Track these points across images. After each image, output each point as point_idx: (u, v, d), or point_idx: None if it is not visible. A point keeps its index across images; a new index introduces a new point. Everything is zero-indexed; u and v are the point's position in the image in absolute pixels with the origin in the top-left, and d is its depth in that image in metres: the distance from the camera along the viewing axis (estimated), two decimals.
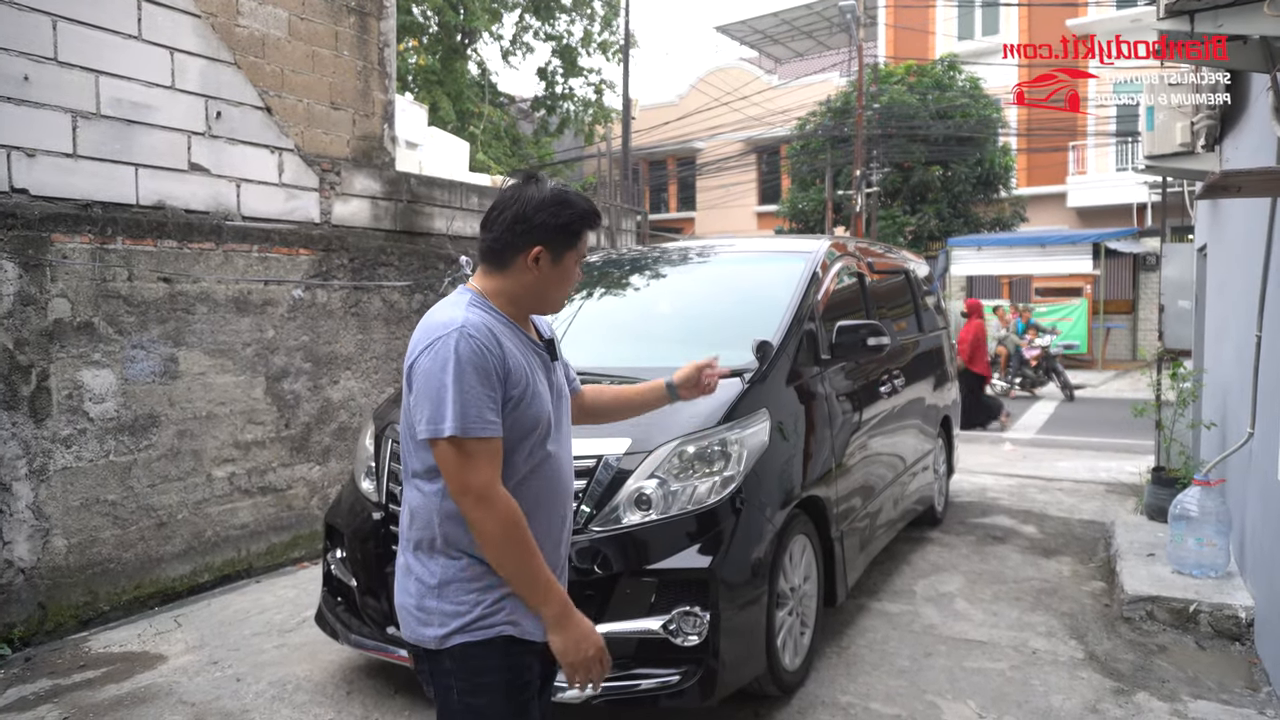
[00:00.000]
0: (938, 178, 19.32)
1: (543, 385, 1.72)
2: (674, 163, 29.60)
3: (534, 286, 1.73)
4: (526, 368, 1.68)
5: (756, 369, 3.27)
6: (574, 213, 1.73)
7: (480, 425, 1.57)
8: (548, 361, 1.80)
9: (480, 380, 1.57)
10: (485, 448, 1.58)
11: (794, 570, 3.34)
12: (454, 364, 1.56)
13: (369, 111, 6.20)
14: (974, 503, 6.61)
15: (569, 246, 1.74)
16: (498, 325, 1.67)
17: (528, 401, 1.65)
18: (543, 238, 1.71)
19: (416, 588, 1.68)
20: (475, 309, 1.67)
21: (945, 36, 23.14)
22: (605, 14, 22.68)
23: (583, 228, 1.75)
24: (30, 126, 4.27)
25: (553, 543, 1.76)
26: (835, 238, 4.77)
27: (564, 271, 1.75)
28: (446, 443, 1.57)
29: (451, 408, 1.56)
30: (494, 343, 1.61)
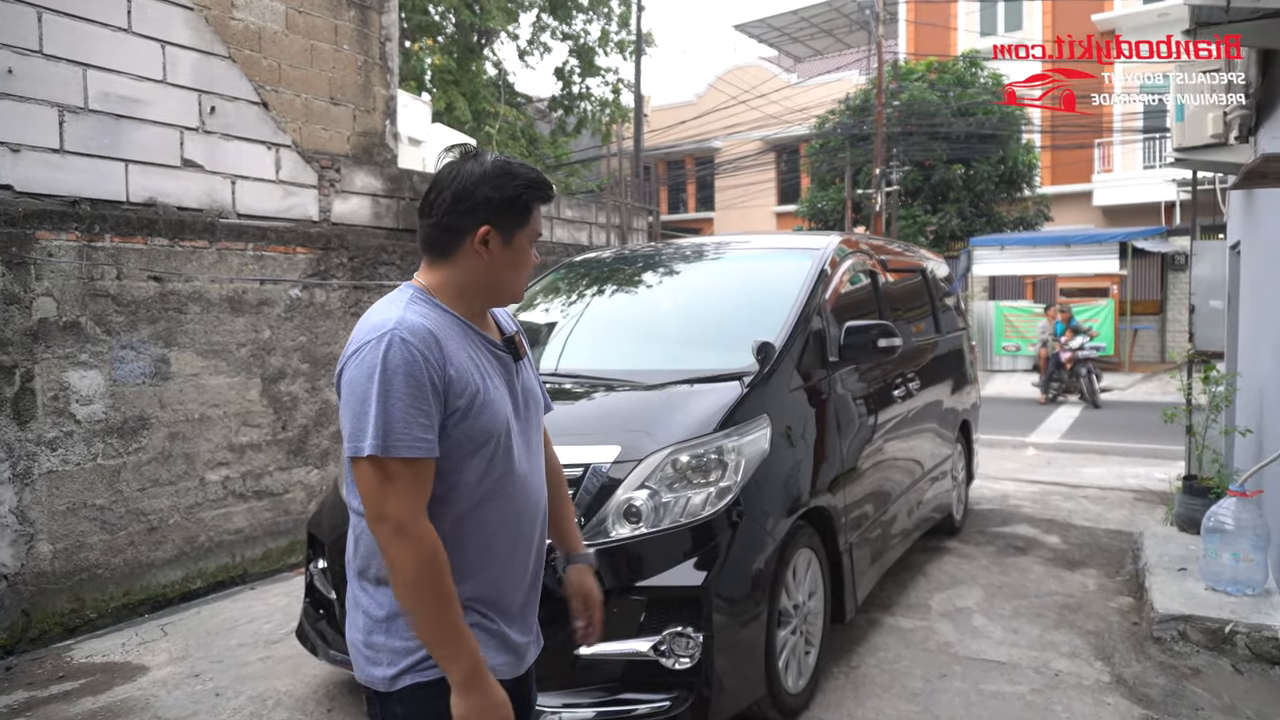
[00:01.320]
0: (959, 176, 18.99)
1: (498, 391, 1.51)
2: (692, 162, 29.39)
3: (485, 274, 1.52)
4: (476, 372, 1.48)
5: (757, 372, 3.07)
6: (520, 183, 1.52)
7: (406, 444, 1.36)
8: (509, 363, 1.59)
9: (411, 392, 1.37)
10: (410, 471, 1.38)
11: (798, 586, 3.14)
12: (380, 373, 1.37)
13: (370, 107, 6.06)
14: (995, 511, 6.36)
15: (519, 224, 1.53)
16: (444, 324, 1.47)
17: (476, 411, 1.45)
18: (488, 215, 1.50)
19: (364, 621, 1.50)
20: (416, 306, 1.47)
21: (967, 32, 22.78)
22: (622, 13, 22.51)
23: (532, 200, 1.54)
24: (15, 121, 4.15)
25: (519, 571, 1.57)
26: (846, 234, 4.55)
27: (517, 254, 1.54)
28: (366, 463, 1.37)
29: (374, 423, 1.36)
30: (433, 347, 1.41)
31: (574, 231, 8.36)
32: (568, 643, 2.58)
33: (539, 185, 1.55)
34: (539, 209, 1.57)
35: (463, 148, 1.61)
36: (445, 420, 1.42)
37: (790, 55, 30.32)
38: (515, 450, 1.54)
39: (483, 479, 1.48)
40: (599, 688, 2.59)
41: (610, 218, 8.77)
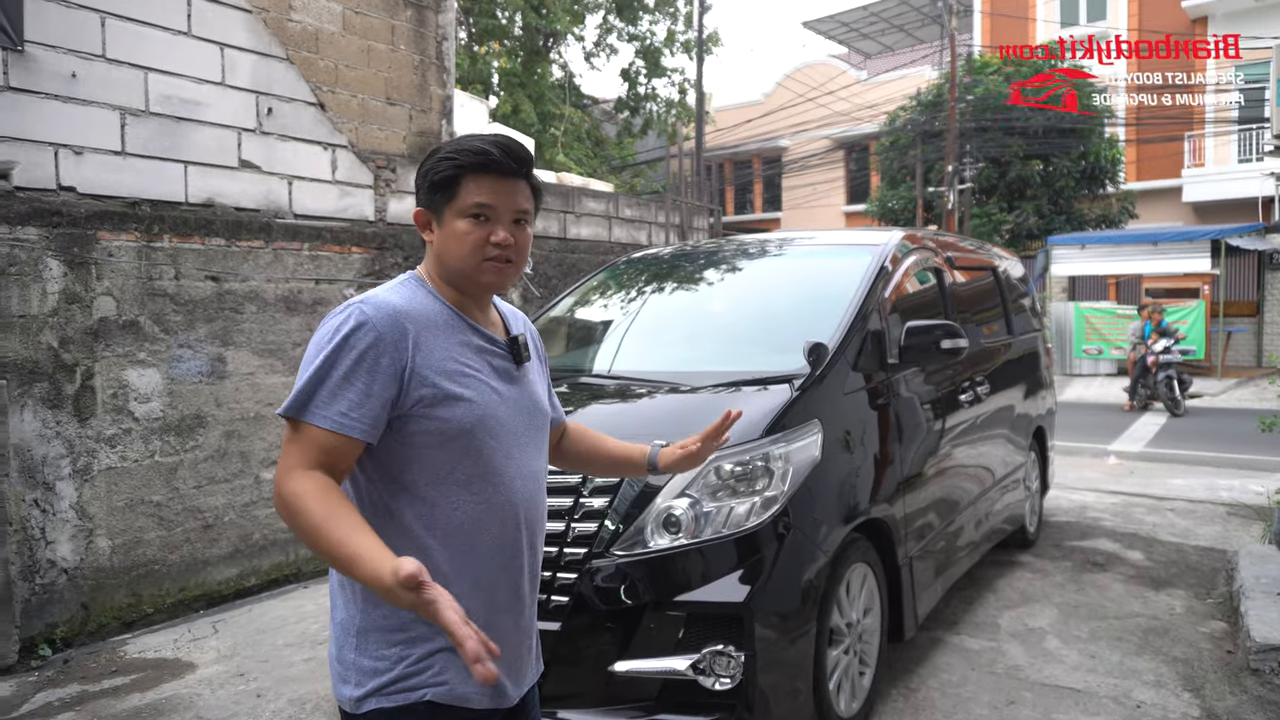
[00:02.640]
0: (1037, 173, 18.26)
1: (481, 387, 1.40)
2: (759, 162, 29.03)
3: (435, 258, 1.45)
4: (454, 364, 1.38)
5: (808, 374, 2.89)
6: (436, 157, 1.43)
7: (322, 413, 1.29)
8: (507, 363, 1.48)
9: (352, 364, 1.30)
10: (314, 439, 1.29)
11: (851, 602, 2.95)
12: (328, 340, 1.31)
13: (426, 107, 6.06)
14: (1072, 523, 6.00)
15: (447, 199, 1.41)
16: (428, 310, 1.39)
17: (445, 403, 1.34)
18: (421, 198, 1.45)
19: (339, 633, 1.40)
20: (404, 289, 1.41)
21: (1047, 23, 21.91)
22: (688, 13, 22.36)
23: (455, 170, 1.39)
24: (78, 124, 4.24)
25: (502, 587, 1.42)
26: (909, 230, 4.32)
27: (452, 233, 1.40)
28: (286, 426, 1.32)
29: (302, 386, 1.30)
30: (396, 327, 1.33)
31: (633, 231, 8.25)
32: (601, 659, 2.49)
33: (464, 152, 1.40)
34: (480, 180, 1.40)
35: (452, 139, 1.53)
36: (411, 408, 1.33)
37: (860, 52, 29.69)
38: (499, 452, 1.41)
39: (453, 479, 1.37)
40: (634, 707, 2.46)
41: (670, 217, 8.63)
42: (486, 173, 1.40)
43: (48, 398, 4.07)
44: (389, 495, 1.37)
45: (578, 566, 2.55)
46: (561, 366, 3.81)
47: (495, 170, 1.41)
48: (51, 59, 4.12)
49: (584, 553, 2.56)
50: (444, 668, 1.36)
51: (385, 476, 1.37)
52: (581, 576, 2.54)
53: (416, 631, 1.35)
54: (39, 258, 4.05)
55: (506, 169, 1.42)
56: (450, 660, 1.36)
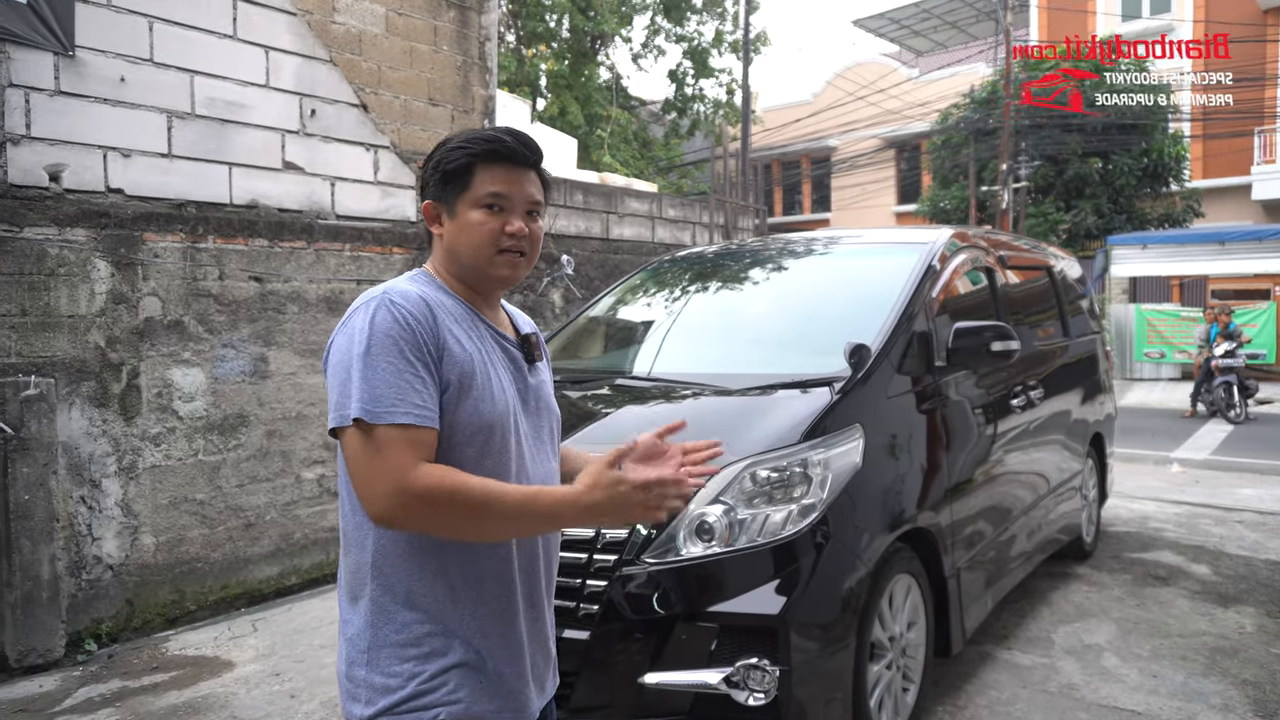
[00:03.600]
0: (1097, 171, 17.69)
1: (501, 381, 1.35)
2: (808, 162, 28.71)
3: (446, 252, 1.40)
4: (476, 352, 1.32)
5: (849, 377, 2.78)
6: (445, 149, 1.38)
7: (399, 409, 1.20)
8: (520, 361, 1.42)
9: (403, 353, 1.23)
10: (403, 439, 1.20)
11: (895, 615, 2.83)
12: (367, 336, 1.23)
13: (468, 108, 6.05)
14: (1132, 534, 5.75)
15: (459, 191, 1.36)
16: (444, 301, 1.35)
17: (472, 393, 1.28)
18: (429, 190, 1.40)
19: (347, 650, 1.34)
20: (416, 282, 1.36)
21: (1107, 16, 21.26)
22: (736, 12, 22.20)
23: (467, 159, 1.35)
24: (126, 127, 4.30)
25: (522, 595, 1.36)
26: (959, 227, 4.16)
27: (466, 225, 1.35)
28: (352, 433, 1.21)
29: (358, 388, 1.21)
30: (425, 313, 1.27)
31: (677, 231, 8.17)
32: (631, 669, 2.41)
33: (477, 141, 1.36)
34: (493, 169, 1.36)
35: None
36: (440, 398, 1.27)
37: (912, 49, 29.19)
38: (520, 451, 1.35)
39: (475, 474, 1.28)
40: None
41: (714, 217, 8.53)
42: (499, 162, 1.36)
43: (95, 396, 4.13)
44: None
45: (607, 573, 2.48)
46: (598, 367, 3.74)
47: (508, 159, 1.37)
48: (101, 63, 4.19)
49: (614, 559, 2.48)
50: (459, 685, 1.29)
51: None
52: (611, 584, 2.46)
53: (430, 647, 1.29)
54: (87, 259, 4.12)
55: (520, 158, 1.37)
56: (465, 677, 1.30)
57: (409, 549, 1.29)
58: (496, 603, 1.34)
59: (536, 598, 1.41)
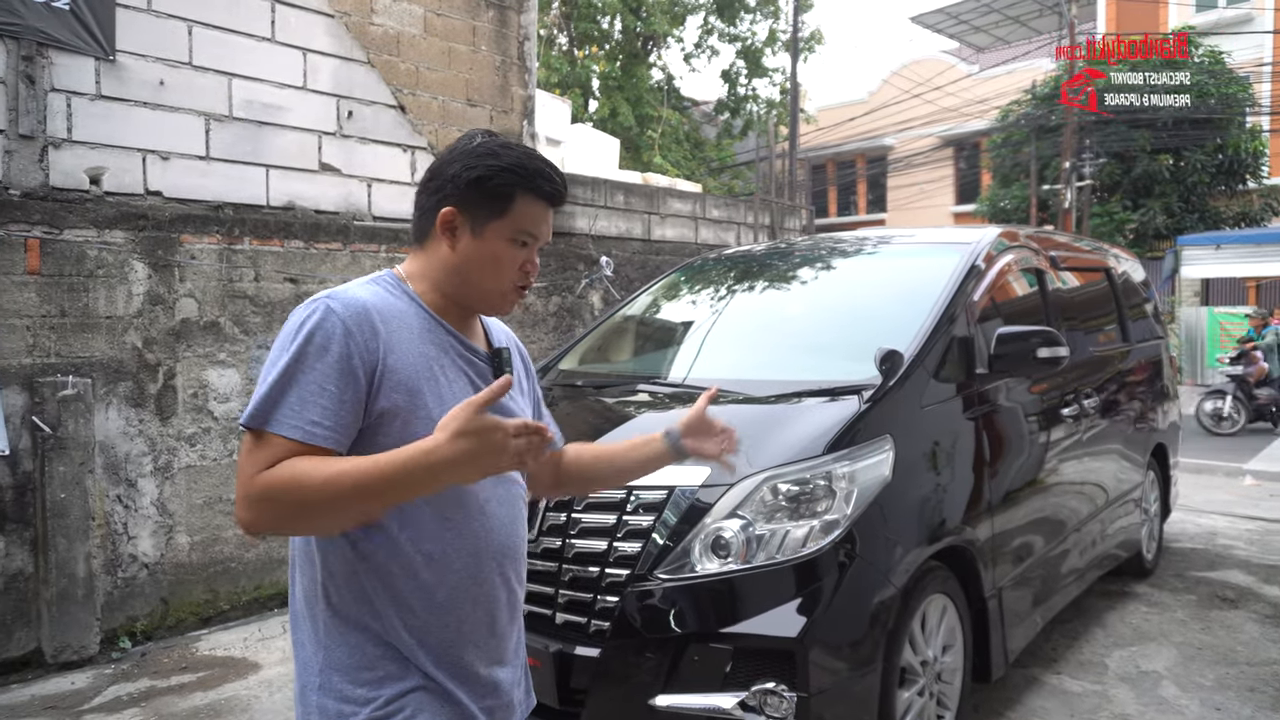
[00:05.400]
0: (1167, 168, 16.96)
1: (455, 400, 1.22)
2: (863, 162, 28.21)
3: (452, 267, 1.28)
4: (427, 371, 1.23)
5: (880, 385, 2.62)
6: (496, 164, 1.25)
7: (292, 422, 1.12)
8: (487, 375, 1.33)
9: (323, 367, 1.14)
10: (282, 450, 1.12)
11: (928, 639, 2.66)
12: (293, 340, 1.16)
13: (507, 108, 6.01)
14: (1197, 551, 5.43)
15: (494, 213, 1.26)
16: (400, 312, 1.25)
17: (426, 414, 1.20)
18: (454, 196, 1.26)
19: (301, 671, 1.26)
20: (374, 287, 1.27)
21: (1180, 6, 20.40)
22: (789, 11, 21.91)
23: (513, 186, 1.26)
24: (165, 130, 4.35)
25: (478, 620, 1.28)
26: (1007, 227, 3.95)
27: (491, 251, 1.27)
28: (247, 435, 1.14)
29: (266, 391, 1.14)
30: (366, 326, 1.18)
31: (720, 232, 8.03)
32: (642, 690, 2.30)
33: (527, 172, 1.27)
34: (533, 205, 1.28)
35: (482, 130, 1.36)
36: (378, 417, 1.18)
37: (971, 45, 28.45)
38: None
39: (423, 499, 1.20)
40: None
41: (759, 217, 8.36)
42: (540, 198, 1.29)
43: (131, 396, 4.18)
44: None
45: (619, 589, 2.37)
46: (622, 373, 3.64)
47: (550, 200, 1.30)
48: (140, 67, 4.25)
49: (626, 574, 2.38)
50: (416, 710, 1.22)
51: None
52: (623, 600, 2.36)
53: (384, 670, 1.22)
54: (125, 260, 4.17)
55: (559, 199, 1.32)
56: (424, 701, 1.22)
57: (360, 567, 1.21)
58: (455, 622, 1.25)
59: (499, 613, 1.32)
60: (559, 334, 6.19)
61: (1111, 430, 4.21)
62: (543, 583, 2.48)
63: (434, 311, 1.30)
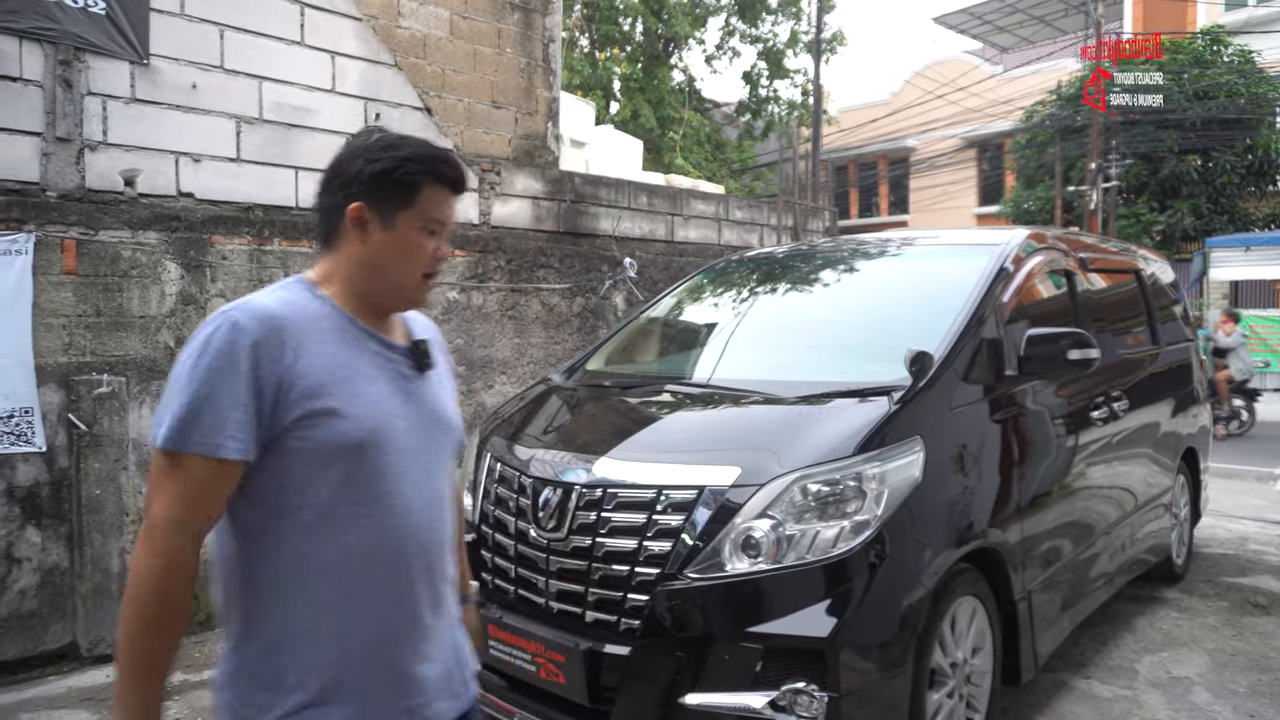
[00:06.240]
0: (1195, 169, 16.76)
1: (375, 399, 1.27)
2: (885, 163, 28.07)
3: (365, 262, 1.30)
4: (344, 374, 1.24)
5: (910, 386, 2.61)
6: (399, 154, 1.28)
7: (199, 438, 1.14)
8: (406, 371, 1.35)
9: (229, 381, 1.16)
10: (198, 471, 1.15)
11: (958, 640, 2.65)
12: (198, 356, 1.17)
13: (532, 110, 6.05)
14: (1229, 556, 5.36)
15: (402, 204, 1.28)
16: (314, 317, 1.25)
17: (339, 416, 1.21)
18: (361, 191, 1.28)
19: (220, 666, 1.29)
20: (285, 293, 1.28)
21: (1209, 5, 20.15)
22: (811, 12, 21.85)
23: (418, 175, 1.28)
24: (197, 132, 4.42)
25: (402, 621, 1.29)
26: (1035, 228, 3.93)
27: (402, 241, 1.29)
28: (157, 453, 1.17)
29: (174, 410, 1.16)
30: (274, 337, 1.19)
31: (743, 233, 8.02)
32: (672, 689, 2.31)
33: (431, 160, 1.29)
34: (438, 192, 1.31)
35: (376, 126, 1.39)
36: (289, 426, 1.19)
37: (995, 45, 28.23)
38: (394, 470, 1.27)
39: (339, 500, 1.22)
40: None
41: (782, 219, 8.35)
42: (444, 185, 1.32)
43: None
44: (265, 522, 1.22)
45: (649, 587, 2.38)
46: (649, 373, 3.66)
47: (454, 187, 1.33)
48: (173, 71, 4.31)
49: (656, 573, 2.39)
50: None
51: (260, 501, 1.22)
52: (653, 598, 2.37)
53: (292, 678, 1.22)
54: (158, 261, 4.24)
55: (462, 185, 1.35)
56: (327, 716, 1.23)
57: (277, 576, 1.22)
58: (370, 629, 1.26)
59: (419, 621, 1.32)
60: (583, 335, 6.21)
61: (1141, 434, 4.17)
62: (573, 581, 2.50)
63: (349, 312, 1.30)
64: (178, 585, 1.16)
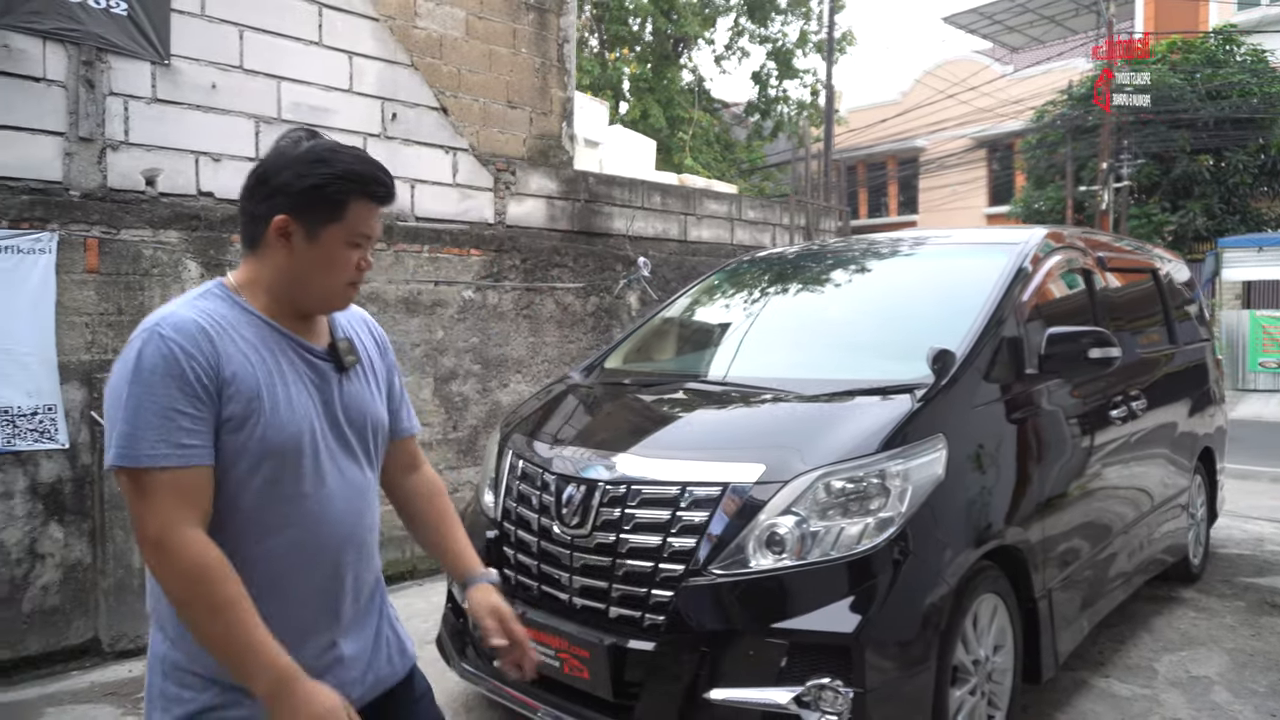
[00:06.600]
0: (1207, 169, 16.69)
1: (294, 402, 1.31)
2: (895, 163, 28.03)
3: (289, 272, 1.32)
4: (263, 378, 1.28)
5: (932, 384, 2.62)
6: (329, 171, 1.29)
7: (157, 452, 1.18)
8: (325, 372, 1.38)
9: (168, 392, 1.19)
10: (168, 481, 1.19)
11: (979, 638, 2.66)
12: (132, 373, 1.20)
13: (546, 109, 6.06)
14: (1246, 556, 5.34)
15: (328, 218, 1.30)
16: (232, 322, 1.28)
17: (255, 422, 1.25)
18: (287, 204, 1.29)
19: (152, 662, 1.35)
20: (203, 302, 1.30)
21: (1221, 4, 20.06)
22: (821, 12, 21.82)
23: (345, 192, 1.30)
24: (217, 132, 4.45)
25: (321, 609, 1.35)
26: (1053, 227, 3.93)
27: (325, 254, 1.31)
28: (121, 475, 1.21)
29: (120, 430, 1.20)
30: (198, 344, 1.23)
31: (756, 233, 8.03)
32: (697, 684, 2.32)
33: (357, 178, 1.31)
34: (365, 207, 1.33)
35: (304, 130, 1.39)
36: (218, 429, 1.25)
37: (1005, 45, 28.17)
38: (315, 470, 1.32)
39: (264, 502, 1.28)
40: None
41: (795, 218, 8.35)
42: (372, 200, 1.34)
43: None
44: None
45: (674, 583, 2.40)
46: (669, 370, 3.67)
47: (382, 201, 1.35)
48: (194, 71, 4.34)
49: (681, 569, 2.40)
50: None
51: None
52: (677, 594, 2.38)
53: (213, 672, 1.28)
54: (179, 260, 4.27)
55: (390, 199, 1.37)
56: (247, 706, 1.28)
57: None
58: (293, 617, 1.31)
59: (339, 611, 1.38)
60: (597, 334, 6.23)
61: (1158, 434, 4.16)
62: (596, 577, 2.52)
63: (268, 317, 1.33)
64: (213, 564, 1.19)
